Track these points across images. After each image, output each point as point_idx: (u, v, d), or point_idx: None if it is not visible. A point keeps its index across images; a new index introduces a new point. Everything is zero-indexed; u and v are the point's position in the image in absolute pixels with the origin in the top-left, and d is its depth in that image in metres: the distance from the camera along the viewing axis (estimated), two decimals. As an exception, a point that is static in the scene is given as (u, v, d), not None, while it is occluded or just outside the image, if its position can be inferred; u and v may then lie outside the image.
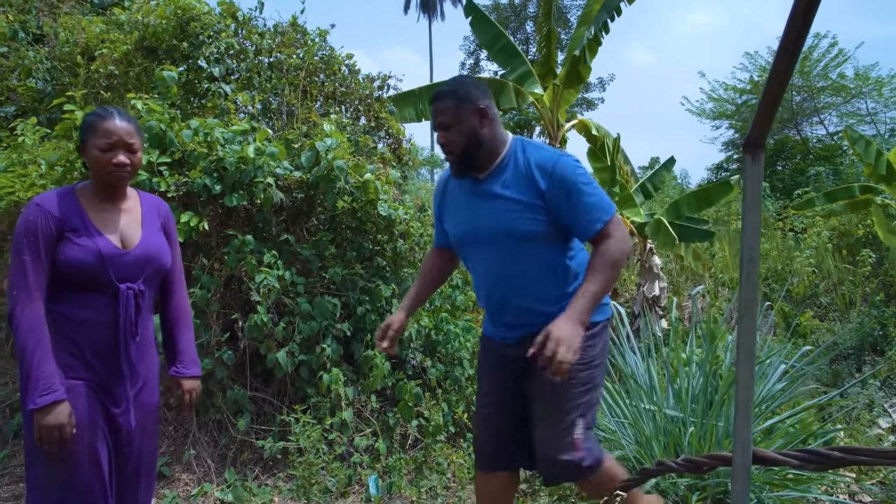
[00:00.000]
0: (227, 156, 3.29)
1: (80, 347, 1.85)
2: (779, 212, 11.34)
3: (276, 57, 4.35)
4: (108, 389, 1.90)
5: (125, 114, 1.93)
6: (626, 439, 2.78)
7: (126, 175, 1.90)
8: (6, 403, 3.75)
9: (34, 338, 1.75)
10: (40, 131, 3.95)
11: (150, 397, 2.04)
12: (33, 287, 1.79)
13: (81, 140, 1.91)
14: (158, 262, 1.98)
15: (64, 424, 1.74)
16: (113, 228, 1.91)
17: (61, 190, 1.93)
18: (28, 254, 1.80)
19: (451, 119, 1.97)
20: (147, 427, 2.03)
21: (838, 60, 16.48)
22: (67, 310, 1.85)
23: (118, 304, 1.87)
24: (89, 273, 1.83)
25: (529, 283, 2.00)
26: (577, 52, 6.54)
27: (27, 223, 1.82)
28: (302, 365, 3.52)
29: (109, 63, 4.58)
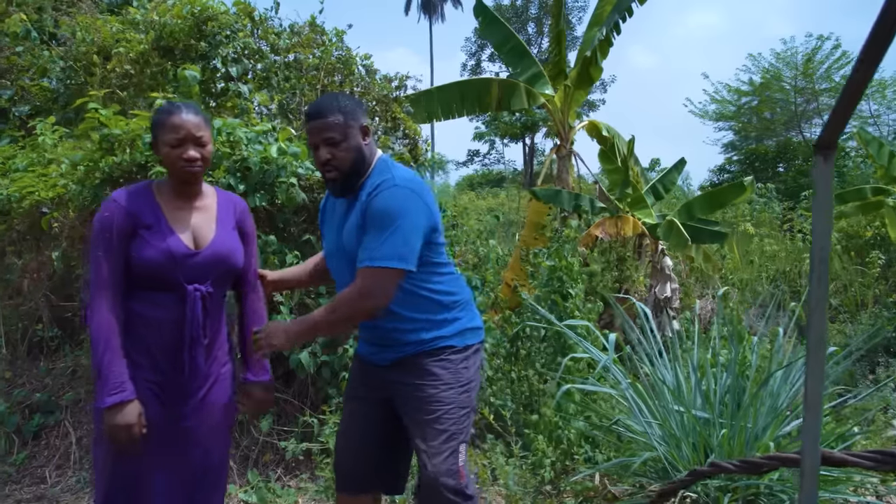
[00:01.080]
0: (251, 155, 3.28)
1: (148, 347, 1.84)
2: (784, 213, 11.35)
3: (295, 56, 4.34)
4: (174, 390, 1.88)
5: (192, 107, 1.90)
6: (657, 440, 2.77)
7: (198, 170, 1.86)
8: (24, 404, 3.74)
9: (105, 336, 1.74)
10: (59, 131, 3.94)
11: (219, 398, 1.99)
12: (108, 284, 1.78)
13: (152, 137, 1.89)
14: (228, 263, 1.94)
15: (133, 424, 1.73)
16: (186, 226, 1.88)
17: (138, 186, 1.92)
18: (103, 250, 1.79)
19: (340, 135, 1.89)
20: (215, 428, 1.98)
21: (842, 62, 16.50)
22: (139, 308, 1.83)
23: (186, 305, 1.84)
24: (158, 272, 1.81)
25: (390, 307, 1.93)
26: (588, 52, 6.54)
27: (102, 220, 1.81)
28: (324, 366, 3.50)
29: (125, 62, 4.57)
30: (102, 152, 3.27)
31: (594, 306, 4.24)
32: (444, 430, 1.92)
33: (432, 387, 1.95)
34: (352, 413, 2.14)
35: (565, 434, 3.40)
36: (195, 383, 1.90)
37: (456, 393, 1.97)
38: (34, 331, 4.00)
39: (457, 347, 2.01)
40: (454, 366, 1.99)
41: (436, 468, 1.88)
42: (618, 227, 6.31)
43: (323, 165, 1.91)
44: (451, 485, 1.87)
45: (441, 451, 1.90)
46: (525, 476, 3.18)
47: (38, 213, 3.65)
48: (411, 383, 1.96)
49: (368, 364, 2.10)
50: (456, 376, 1.99)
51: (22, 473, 3.43)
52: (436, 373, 1.96)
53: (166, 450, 1.86)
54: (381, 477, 2.15)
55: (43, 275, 3.79)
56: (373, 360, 2.08)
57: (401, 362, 2.00)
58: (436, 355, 1.98)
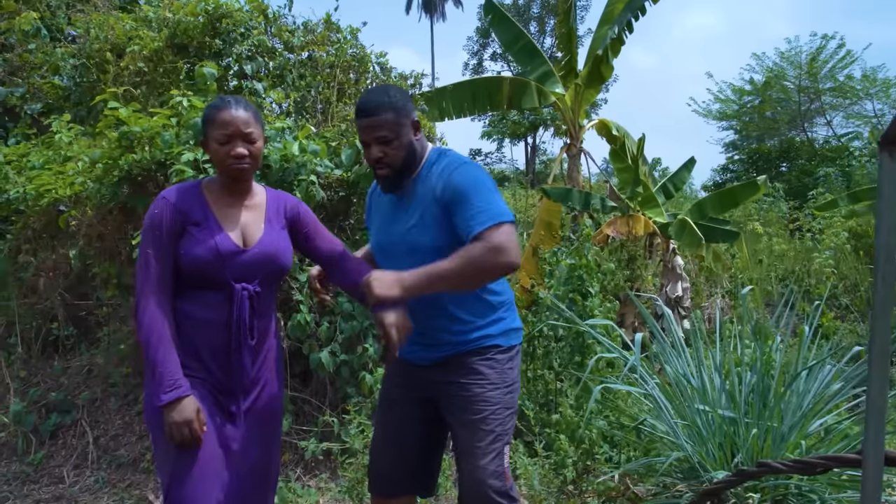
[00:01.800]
0: (271, 153, 3.26)
1: (196, 348, 1.81)
2: (790, 212, 11.32)
3: (310, 54, 4.31)
4: (223, 391, 1.85)
5: (242, 101, 1.85)
6: (686, 440, 2.75)
7: (247, 167, 1.82)
8: (41, 404, 3.71)
9: (156, 333, 1.71)
10: (74, 128, 3.91)
11: (267, 404, 1.95)
12: (157, 281, 1.75)
13: (203, 133, 1.86)
14: (277, 262, 1.90)
15: (192, 420, 1.70)
16: (235, 224, 1.85)
17: (188, 183, 1.90)
18: (152, 247, 1.77)
19: (392, 132, 1.85)
20: (264, 434, 1.93)
21: (846, 62, 16.48)
22: (187, 307, 1.81)
23: (233, 305, 1.81)
24: (205, 270, 1.78)
25: (439, 302, 1.91)
26: (599, 51, 6.52)
27: (152, 217, 1.79)
28: (343, 365, 3.48)
29: (139, 60, 4.54)
30: (122, 150, 3.25)
31: (612, 305, 4.22)
32: (490, 431, 1.88)
33: (479, 386, 1.92)
34: (388, 414, 2.10)
35: (587, 434, 3.38)
36: (243, 386, 1.86)
37: (502, 393, 1.94)
38: (49, 330, 3.97)
39: (503, 347, 1.99)
40: (500, 366, 1.97)
41: (482, 470, 1.84)
42: (629, 226, 6.29)
43: (375, 163, 1.89)
44: (497, 486, 1.83)
45: (488, 452, 1.86)
46: (549, 476, 3.16)
47: (54, 211, 3.62)
48: (457, 382, 1.93)
49: (408, 364, 2.06)
50: (502, 376, 1.97)
51: (40, 473, 3.41)
52: (483, 372, 1.93)
53: (219, 455, 1.82)
54: (417, 479, 2.11)
55: (59, 273, 3.77)
56: (414, 359, 2.04)
57: (445, 362, 1.97)
58: (482, 354, 1.95)
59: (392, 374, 2.17)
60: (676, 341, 3.10)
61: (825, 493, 2.57)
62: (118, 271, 3.61)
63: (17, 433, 3.52)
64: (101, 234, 3.56)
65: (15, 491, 3.26)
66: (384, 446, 2.09)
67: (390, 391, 2.13)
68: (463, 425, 1.90)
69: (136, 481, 3.32)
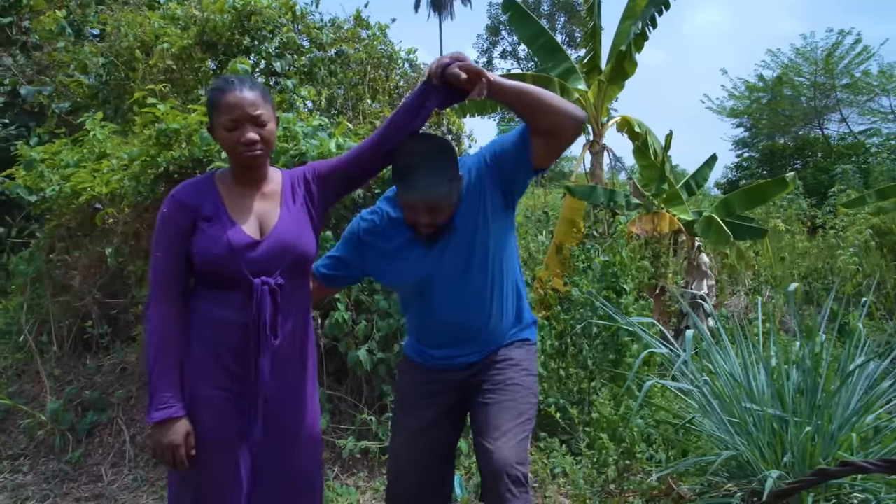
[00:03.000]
0: (309, 150, 3.24)
1: (216, 350, 1.69)
2: (809, 209, 11.21)
3: (341, 50, 4.30)
4: (248, 397, 1.72)
5: (248, 80, 1.70)
6: (740, 439, 2.71)
7: (259, 153, 1.67)
8: (77, 402, 3.71)
9: (157, 344, 1.63)
10: (108, 126, 3.91)
11: (300, 404, 1.81)
12: (167, 285, 1.67)
13: (209, 120, 1.73)
14: (296, 250, 1.73)
15: (178, 445, 1.60)
16: (248, 215, 1.71)
17: (200, 178, 1.80)
18: (162, 249, 1.68)
19: (446, 203, 1.75)
20: (299, 435, 1.80)
21: (862, 58, 16.31)
22: (205, 308, 1.70)
23: (253, 302, 1.67)
24: (220, 266, 1.66)
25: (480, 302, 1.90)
26: (623, 47, 6.46)
27: (162, 217, 1.70)
28: (380, 363, 3.46)
29: (168, 58, 4.54)
30: (159, 147, 3.23)
31: (646, 303, 4.18)
32: (521, 413, 1.86)
33: (512, 370, 1.92)
34: (409, 430, 2.00)
35: (627, 432, 3.34)
36: (268, 390, 1.72)
37: (531, 380, 1.96)
38: (83, 328, 3.97)
39: (531, 341, 2.04)
40: (530, 355, 2.02)
41: (511, 450, 1.76)
42: (654, 223, 6.24)
43: (422, 227, 1.79)
44: (521, 472, 1.75)
45: (517, 434, 1.82)
46: (592, 475, 3.13)
47: (89, 209, 3.62)
48: (490, 369, 1.92)
49: (436, 370, 1.99)
50: (531, 364, 2.00)
51: (78, 471, 3.40)
52: (515, 357, 1.95)
53: (233, 467, 1.70)
54: (440, 491, 2.05)
55: (95, 272, 3.76)
56: (448, 364, 1.97)
57: (479, 361, 1.96)
58: (516, 345, 1.99)
59: (415, 380, 2.06)
60: (722, 339, 3.06)
61: (880, 493, 2.53)
62: (153, 269, 3.60)
63: (55, 431, 3.52)
64: (136, 232, 3.56)
65: (55, 489, 3.26)
66: (407, 467, 1.98)
67: (414, 396, 2.03)
68: (494, 405, 1.85)
69: (175, 480, 3.31)
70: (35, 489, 3.27)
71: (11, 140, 5.68)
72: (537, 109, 1.73)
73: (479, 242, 1.84)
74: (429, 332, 2.01)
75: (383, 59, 4.40)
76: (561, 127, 1.74)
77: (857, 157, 15.80)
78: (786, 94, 17.96)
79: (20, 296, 4.09)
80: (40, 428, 3.55)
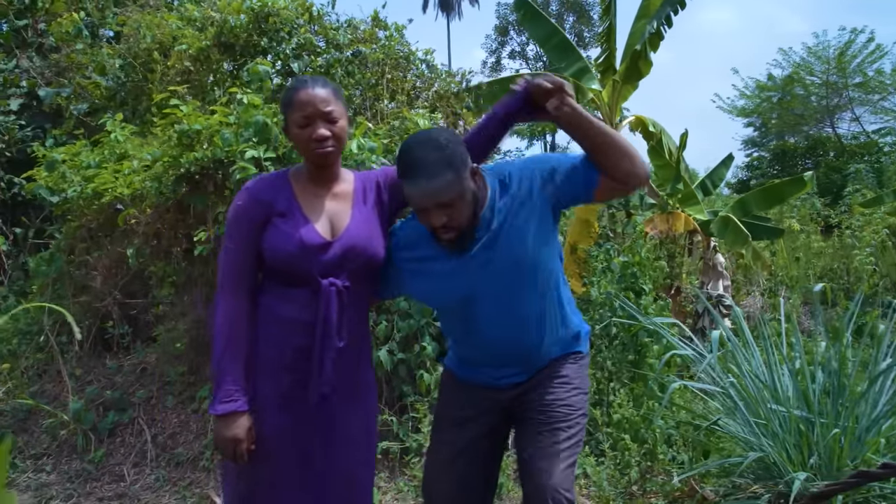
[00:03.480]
0: (331, 151, 3.24)
1: (280, 347, 1.69)
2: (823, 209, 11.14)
3: (358, 51, 4.30)
4: (305, 398, 1.70)
5: (320, 79, 1.71)
6: (767, 441, 2.69)
7: (330, 149, 1.66)
8: (98, 402, 3.73)
9: (224, 336, 1.63)
10: (128, 127, 3.93)
11: (351, 412, 1.77)
12: (237, 277, 1.67)
13: (283, 119, 1.73)
14: (365, 253, 1.72)
15: (240, 439, 1.61)
16: (321, 215, 1.71)
17: (274, 173, 1.80)
18: (235, 241, 1.68)
19: (455, 195, 1.60)
20: (353, 439, 1.77)
21: (875, 56, 16.21)
22: (272, 304, 1.70)
23: (320, 302, 1.66)
24: (290, 264, 1.66)
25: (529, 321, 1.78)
26: (637, 46, 6.44)
27: (236, 209, 1.70)
28: (400, 363, 3.46)
29: (185, 59, 4.56)
30: (181, 148, 3.25)
31: (665, 303, 4.16)
32: (571, 437, 1.76)
33: (564, 389, 1.81)
34: (447, 451, 1.88)
35: (649, 433, 3.33)
36: (328, 390, 1.70)
37: (581, 400, 1.85)
38: (104, 328, 3.99)
39: (583, 353, 1.92)
40: (582, 371, 1.89)
41: (559, 476, 1.68)
42: (669, 223, 6.21)
43: (441, 229, 1.64)
44: (568, 498, 1.66)
45: (564, 458, 1.72)
46: (615, 476, 3.11)
47: (111, 209, 3.64)
48: (540, 386, 1.81)
49: (480, 386, 1.88)
50: (583, 381, 1.88)
51: (101, 471, 3.42)
52: (568, 375, 1.83)
53: (297, 464, 1.71)
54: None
55: (116, 272, 3.78)
56: (493, 384, 1.86)
57: (528, 379, 1.84)
58: (566, 359, 1.86)
59: (456, 397, 1.95)
60: (747, 339, 3.04)
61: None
62: (174, 269, 3.62)
63: (77, 431, 3.54)
64: (157, 233, 3.57)
65: (78, 489, 3.28)
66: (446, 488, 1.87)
67: (454, 415, 1.92)
68: (543, 427, 1.75)
69: (197, 479, 3.32)
70: (59, 488, 3.29)
71: (27, 141, 5.72)
72: (614, 152, 1.66)
73: (527, 258, 1.72)
74: (471, 351, 1.89)
75: (401, 60, 4.39)
76: (635, 176, 1.69)
77: (870, 156, 15.69)
78: (797, 92, 17.87)
79: (41, 296, 4.12)
80: (63, 428, 3.57)
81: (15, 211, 6.29)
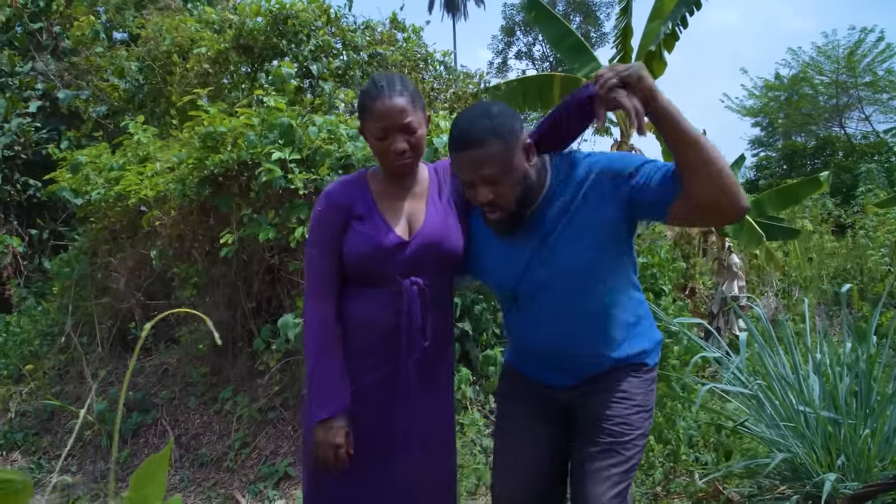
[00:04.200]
0: (355, 152, 3.26)
1: (363, 351, 1.67)
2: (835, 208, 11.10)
3: (376, 52, 4.32)
4: (391, 401, 1.68)
5: (397, 83, 1.62)
6: (795, 442, 2.69)
7: (409, 162, 1.63)
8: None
9: (316, 341, 1.62)
10: (150, 129, 3.95)
11: (435, 414, 1.74)
12: (323, 282, 1.67)
13: (360, 120, 1.68)
14: (442, 247, 1.67)
15: (340, 444, 1.59)
16: (399, 216, 1.69)
17: (352, 175, 1.78)
18: (317, 247, 1.67)
19: (501, 168, 1.49)
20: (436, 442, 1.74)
21: (885, 55, 16.13)
22: (354, 306, 1.68)
23: (402, 302, 1.64)
24: (367, 265, 1.65)
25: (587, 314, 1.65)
26: (652, 47, 6.44)
27: (317, 214, 1.69)
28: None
29: (204, 62, 4.58)
30: (206, 150, 3.26)
31: (684, 303, 4.16)
32: (627, 459, 1.62)
33: (624, 406, 1.66)
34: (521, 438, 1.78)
35: (672, 434, 3.33)
36: (413, 393, 1.68)
37: (643, 418, 1.69)
38: (126, 329, 4.02)
39: (649, 366, 1.73)
40: (646, 386, 1.72)
41: (611, 501, 1.56)
42: (683, 223, 6.21)
43: (487, 206, 1.56)
44: None
45: (619, 482, 1.60)
46: (640, 477, 3.11)
47: (134, 211, 3.66)
48: (598, 399, 1.68)
49: (539, 384, 1.78)
50: (646, 398, 1.71)
51: (126, 471, 3.44)
52: (629, 391, 1.68)
53: (378, 468, 1.69)
54: None
55: (139, 274, 3.80)
56: (546, 381, 1.77)
57: (585, 381, 1.71)
58: (628, 371, 1.69)
59: (514, 397, 1.85)
60: (773, 340, 3.03)
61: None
62: (196, 271, 3.63)
63: (102, 432, 3.56)
64: (180, 234, 3.59)
65: (104, 489, 3.30)
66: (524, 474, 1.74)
67: (522, 407, 1.82)
68: (597, 446, 1.62)
69: (221, 480, 3.34)
70: (84, 489, 3.31)
71: (43, 143, 5.77)
72: (705, 170, 1.41)
73: (581, 260, 1.60)
74: (518, 341, 1.80)
75: (419, 62, 4.41)
76: (720, 208, 1.44)
77: (881, 155, 15.63)
78: (805, 92, 17.81)
79: (62, 298, 4.15)
80: (87, 429, 3.59)
81: (30, 212, 6.35)
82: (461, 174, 1.56)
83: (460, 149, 1.51)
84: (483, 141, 1.47)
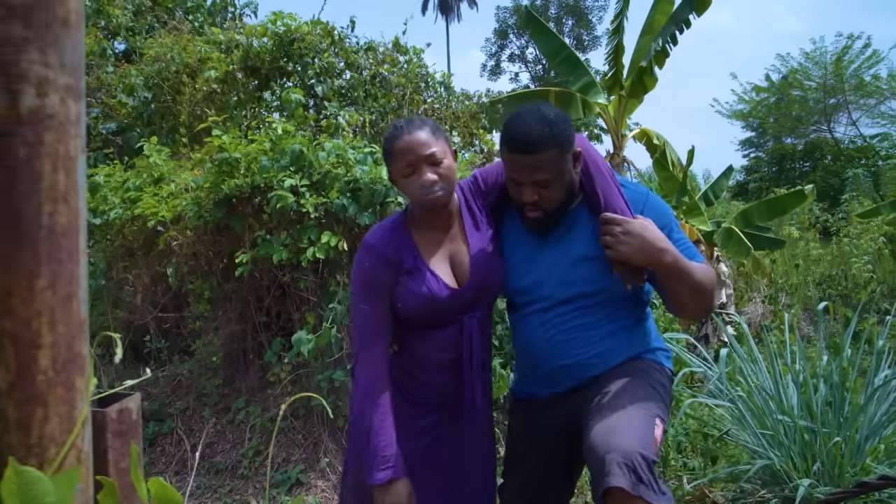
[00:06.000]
0: (362, 176, 3.44)
1: (424, 389, 1.71)
2: (821, 213, 11.36)
3: (380, 73, 4.51)
4: (455, 431, 1.72)
5: (416, 121, 1.64)
6: (773, 449, 2.90)
7: (440, 193, 1.59)
8: (138, 412, 3.92)
9: (372, 399, 1.60)
10: (164, 150, 4.12)
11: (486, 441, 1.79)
12: (375, 335, 1.65)
13: (388, 171, 1.70)
14: (490, 284, 1.72)
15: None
16: (444, 262, 1.69)
17: (390, 222, 1.73)
18: (368, 302, 1.66)
19: (554, 174, 1.53)
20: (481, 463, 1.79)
21: (872, 61, 16.45)
22: (414, 346, 1.71)
23: (462, 337, 1.66)
24: (422, 316, 1.67)
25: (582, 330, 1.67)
26: (643, 63, 6.65)
27: (364, 270, 1.67)
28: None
29: (212, 82, 4.76)
30: (222, 175, 3.44)
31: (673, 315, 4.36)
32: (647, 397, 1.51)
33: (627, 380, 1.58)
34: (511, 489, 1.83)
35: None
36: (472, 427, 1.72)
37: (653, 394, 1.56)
38: (141, 342, 4.19)
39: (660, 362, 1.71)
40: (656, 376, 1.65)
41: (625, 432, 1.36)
42: (674, 234, 6.42)
43: (525, 205, 1.61)
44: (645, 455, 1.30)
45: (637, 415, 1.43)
46: (631, 483, 3.31)
47: (152, 231, 3.83)
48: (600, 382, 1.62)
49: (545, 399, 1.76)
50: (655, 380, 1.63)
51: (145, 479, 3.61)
52: (642, 367, 1.65)
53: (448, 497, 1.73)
54: None
55: (156, 289, 3.98)
56: (538, 394, 1.78)
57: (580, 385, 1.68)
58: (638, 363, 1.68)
59: (516, 423, 1.89)
60: (753, 352, 3.25)
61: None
62: (210, 286, 3.82)
63: (121, 441, 3.73)
64: (195, 253, 3.77)
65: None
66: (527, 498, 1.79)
67: (516, 448, 1.86)
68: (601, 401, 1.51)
69: (236, 487, 3.52)
70: (106, 496, 3.48)
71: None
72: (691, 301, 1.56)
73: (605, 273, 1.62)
74: (534, 354, 1.76)
75: (420, 83, 4.60)
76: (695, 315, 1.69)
77: (868, 160, 15.93)
78: (794, 95, 18.11)
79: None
80: (107, 438, 3.76)
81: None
82: (513, 174, 1.58)
83: (517, 152, 1.53)
84: (541, 148, 1.51)
